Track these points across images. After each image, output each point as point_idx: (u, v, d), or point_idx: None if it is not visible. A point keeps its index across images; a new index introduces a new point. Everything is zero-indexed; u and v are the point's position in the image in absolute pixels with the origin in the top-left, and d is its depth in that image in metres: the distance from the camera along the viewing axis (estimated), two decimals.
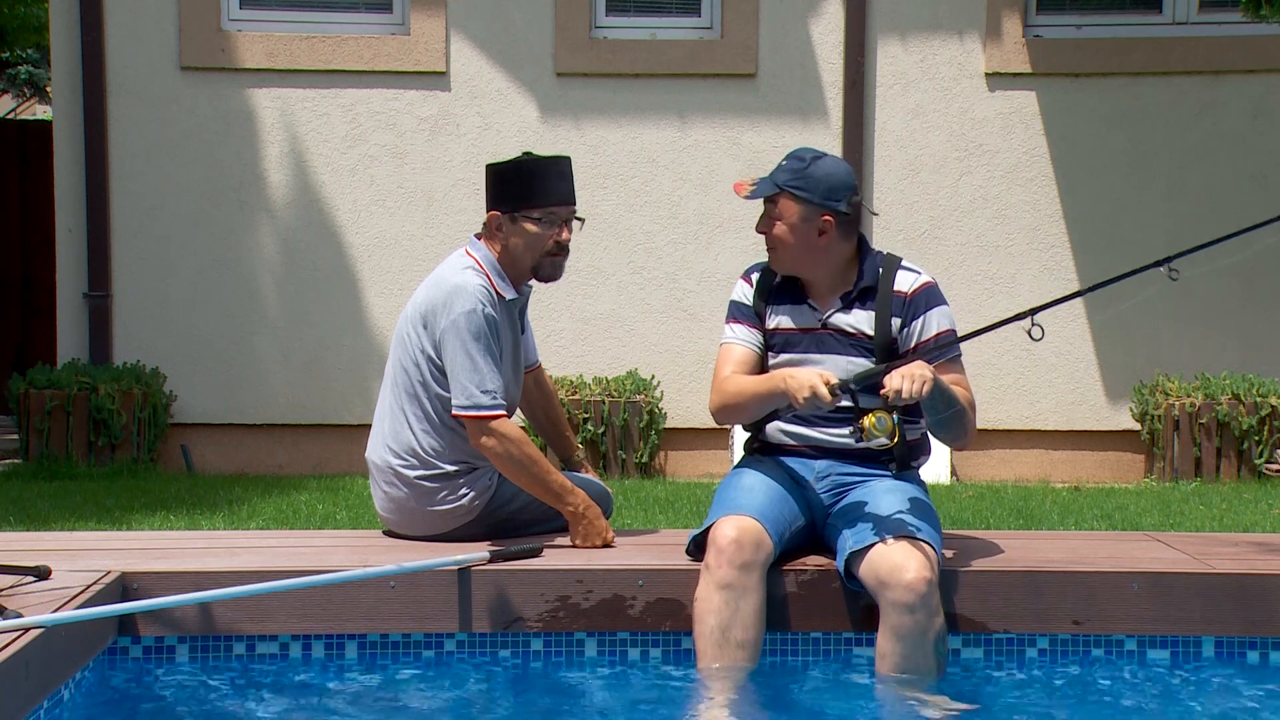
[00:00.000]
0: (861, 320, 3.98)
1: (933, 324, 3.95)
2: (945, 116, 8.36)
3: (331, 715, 3.65)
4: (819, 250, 3.95)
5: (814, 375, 3.73)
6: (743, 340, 4.07)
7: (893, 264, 4.02)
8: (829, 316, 4.00)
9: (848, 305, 3.99)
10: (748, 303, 4.11)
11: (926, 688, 3.64)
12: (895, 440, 3.73)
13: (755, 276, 4.13)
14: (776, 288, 4.08)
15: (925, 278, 4.00)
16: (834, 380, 3.71)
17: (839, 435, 3.96)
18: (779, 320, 4.05)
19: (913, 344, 3.93)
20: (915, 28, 8.33)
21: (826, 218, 3.92)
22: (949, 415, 3.80)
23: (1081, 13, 8.46)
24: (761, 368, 4.06)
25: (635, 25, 8.42)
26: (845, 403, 3.80)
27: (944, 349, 3.90)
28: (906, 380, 3.61)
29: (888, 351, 3.94)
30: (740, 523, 3.77)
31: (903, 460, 4.03)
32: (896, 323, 3.95)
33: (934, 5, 8.32)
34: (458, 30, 8.33)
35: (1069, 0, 8.46)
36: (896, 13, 8.31)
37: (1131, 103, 8.33)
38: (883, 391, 3.66)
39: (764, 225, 4.00)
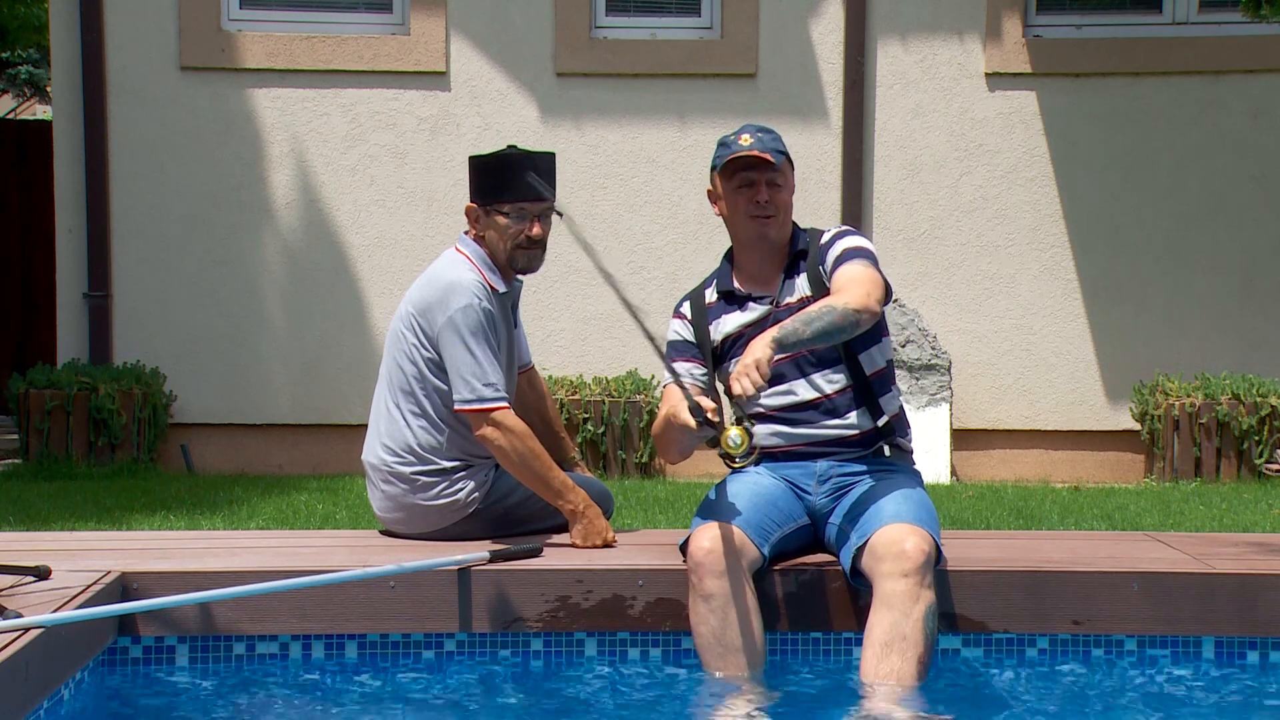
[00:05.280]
0: (801, 285, 4.03)
1: (840, 244, 3.99)
2: (945, 116, 8.36)
3: (331, 716, 3.65)
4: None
5: (680, 404, 3.69)
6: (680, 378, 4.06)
7: (817, 230, 4.13)
8: (781, 296, 4.03)
9: (790, 274, 4.05)
10: (684, 337, 4.13)
11: (912, 691, 3.59)
12: (755, 455, 3.68)
13: (686, 307, 4.15)
14: (711, 306, 4.10)
15: (844, 227, 4.14)
16: (689, 402, 3.66)
17: (835, 425, 3.97)
18: (727, 328, 4.06)
19: (830, 269, 3.96)
20: (915, 28, 8.33)
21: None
22: (830, 329, 3.71)
23: (1081, 13, 8.45)
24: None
25: (635, 25, 8.42)
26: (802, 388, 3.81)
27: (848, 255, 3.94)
28: (743, 377, 3.57)
29: None
30: (715, 531, 3.74)
31: (889, 434, 4.02)
32: (823, 268, 4.00)
33: (934, 5, 8.32)
34: (458, 30, 8.33)
35: (1069, 0, 8.46)
36: (896, 13, 8.31)
37: (1131, 103, 8.33)
38: (734, 397, 3.63)
39: (768, 194, 3.98)
